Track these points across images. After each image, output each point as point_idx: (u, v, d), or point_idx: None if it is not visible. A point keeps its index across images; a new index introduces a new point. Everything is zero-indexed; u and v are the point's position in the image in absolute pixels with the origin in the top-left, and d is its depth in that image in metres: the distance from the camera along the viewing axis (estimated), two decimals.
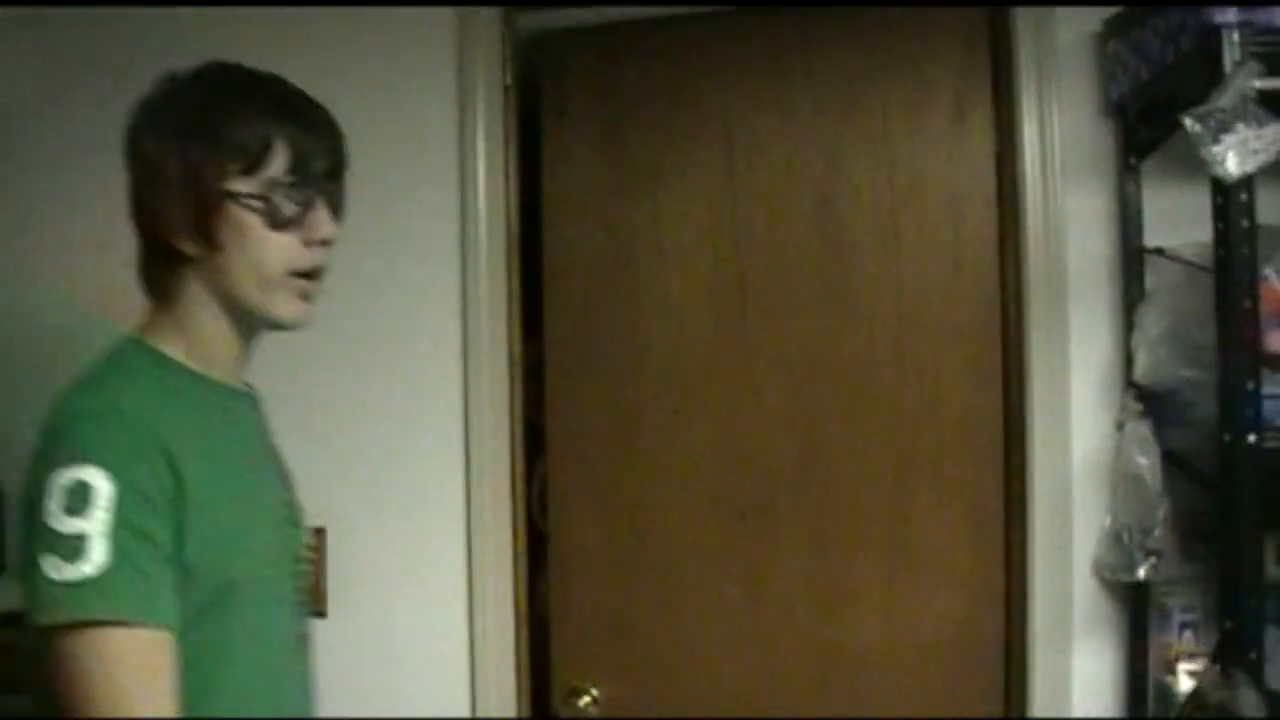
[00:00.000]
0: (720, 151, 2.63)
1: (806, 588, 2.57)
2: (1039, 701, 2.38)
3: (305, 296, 1.53)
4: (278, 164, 1.46)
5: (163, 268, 1.51)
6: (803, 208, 2.58)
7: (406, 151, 2.61)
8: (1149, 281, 2.34)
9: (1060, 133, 2.41)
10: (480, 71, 2.59)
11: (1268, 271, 1.96)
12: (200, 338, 1.52)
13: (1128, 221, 2.38)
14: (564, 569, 2.68)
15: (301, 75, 2.52)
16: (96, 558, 1.29)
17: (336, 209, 1.56)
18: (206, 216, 1.45)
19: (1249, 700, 1.79)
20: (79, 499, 1.30)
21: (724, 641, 2.60)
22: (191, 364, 1.52)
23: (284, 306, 1.51)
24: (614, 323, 2.67)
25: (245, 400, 1.66)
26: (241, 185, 1.45)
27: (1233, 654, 1.82)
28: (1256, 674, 1.81)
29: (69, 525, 1.29)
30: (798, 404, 2.58)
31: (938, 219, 2.53)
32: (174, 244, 1.47)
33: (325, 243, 1.52)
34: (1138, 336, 2.28)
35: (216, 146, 1.44)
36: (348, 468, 2.61)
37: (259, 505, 1.57)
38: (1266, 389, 1.85)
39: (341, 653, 2.57)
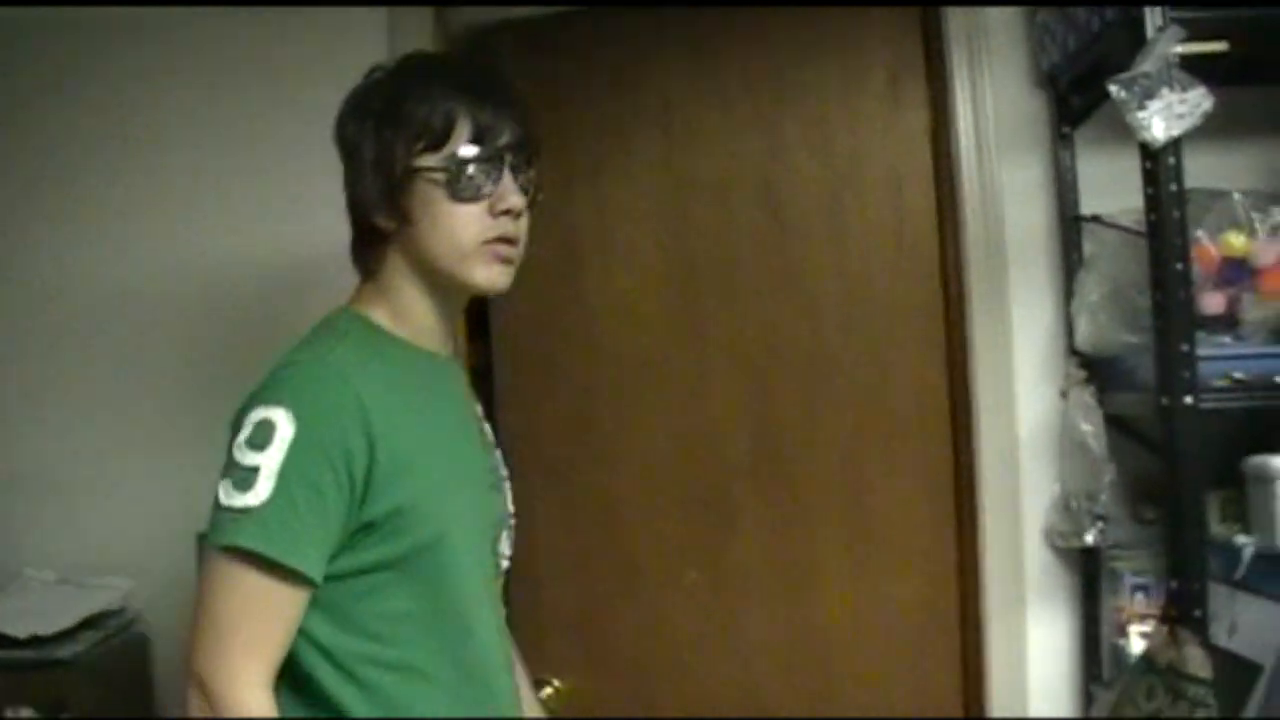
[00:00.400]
0: (660, 142, 2.62)
1: (769, 571, 2.57)
2: (996, 668, 2.40)
3: (502, 261, 1.58)
4: (461, 139, 1.53)
5: (368, 245, 1.61)
6: (746, 194, 2.58)
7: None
8: (1087, 249, 2.36)
9: (993, 105, 2.42)
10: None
11: (1199, 233, 1.98)
12: (403, 307, 1.61)
13: (1063, 190, 2.40)
14: (525, 563, 2.65)
15: (232, 75, 2.57)
16: (261, 491, 1.39)
17: (524, 182, 1.59)
18: (397, 193, 1.54)
19: (1196, 658, 1.81)
20: (262, 435, 1.41)
21: (689, 628, 2.60)
22: (397, 331, 1.60)
23: (480, 272, 1.56)
24: (564, 319, 2.65)
25: (448, 368, 1.70)
26: (428, 161, 1.53)
27: (1180, 613, 1.84)
28: (1203, 632, 1.83)
29: (248, 457, 1.41)
30: (751, 390, 2.58)
31: (877, 198, 2.54)
32: (374, 221, 1.57)
33: (512, 213, 1.56)
34: (1077, 304, 2.30)
35: (403, 126, 1.53)
36: None
37: (459, 468, 1.62)
38: (1202, 350, 1.87)
39: None
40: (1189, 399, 1.83)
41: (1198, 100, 1.83)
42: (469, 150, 1.53)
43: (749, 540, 2.58)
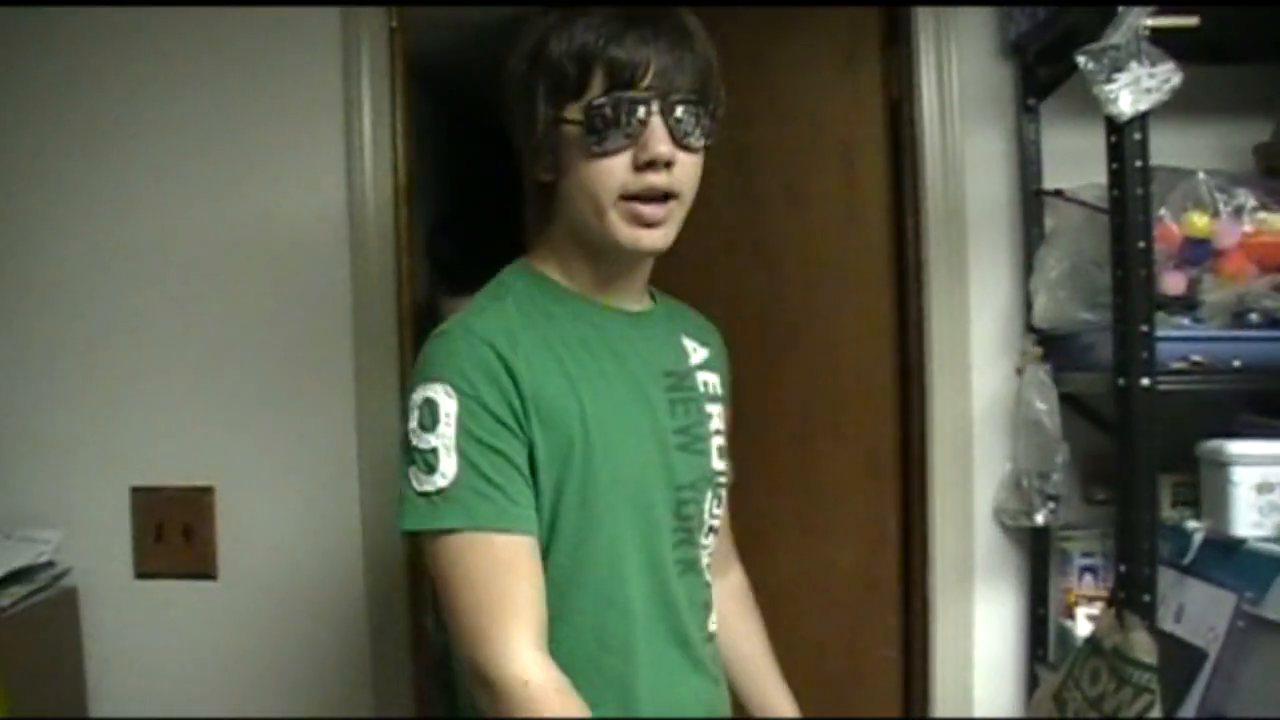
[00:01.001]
0: None
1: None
2: (941, 646, 2.38)
3: (644, 222, 1.46)
4: (597, 86, 1.42)
5: (535, 195, 1.56)
6: (722, 162, 2.52)
7: (292, 124, 2.54)
8: (1048, 224, 2.33)
9: (958, 74, 2.38)
10: (366, 32, 2.51)
11: (1162, 212, 1.95)
12: (567, 260, 1.54)
13: (1026, 163, 2.36)
14: None
15: (190, 68, 2.51)
16: (447, 470, 1.37)
17: (681, 125, 1.44)
18: (542, 142, 1.46)
19: (1142, 643, 1.79)
20: (429, 415, 1.39)
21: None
22: (570, 285, 1.54)
23: (619, 231, 1.45)
24: None
25: (638, 323, 1.60)
26: (569, 112, 1.43)
27: (1128, 597, 1.82)
28: (1151, 616, 1.80)
29: (424, 440, 1.38)
30: None
31: (833, 168, 2.49)
32: (532, 171, 1.51)
33: (659, 163, 1.43)
34: (1037, 280, 2.26)
35: (544, 73, 1.44)
36: (238, 427, 2.54)
37: (635, 424, 1.52)
38: (1161, 331, 1.83)
39: (232, 617, 2.52)
40: (1146, 380, 1.80)
41: (1166, 75, 1.78)
42: (607, 98, 1.41)
43: None
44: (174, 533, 2.53)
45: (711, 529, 1.63)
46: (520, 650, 1.35)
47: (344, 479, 2.51)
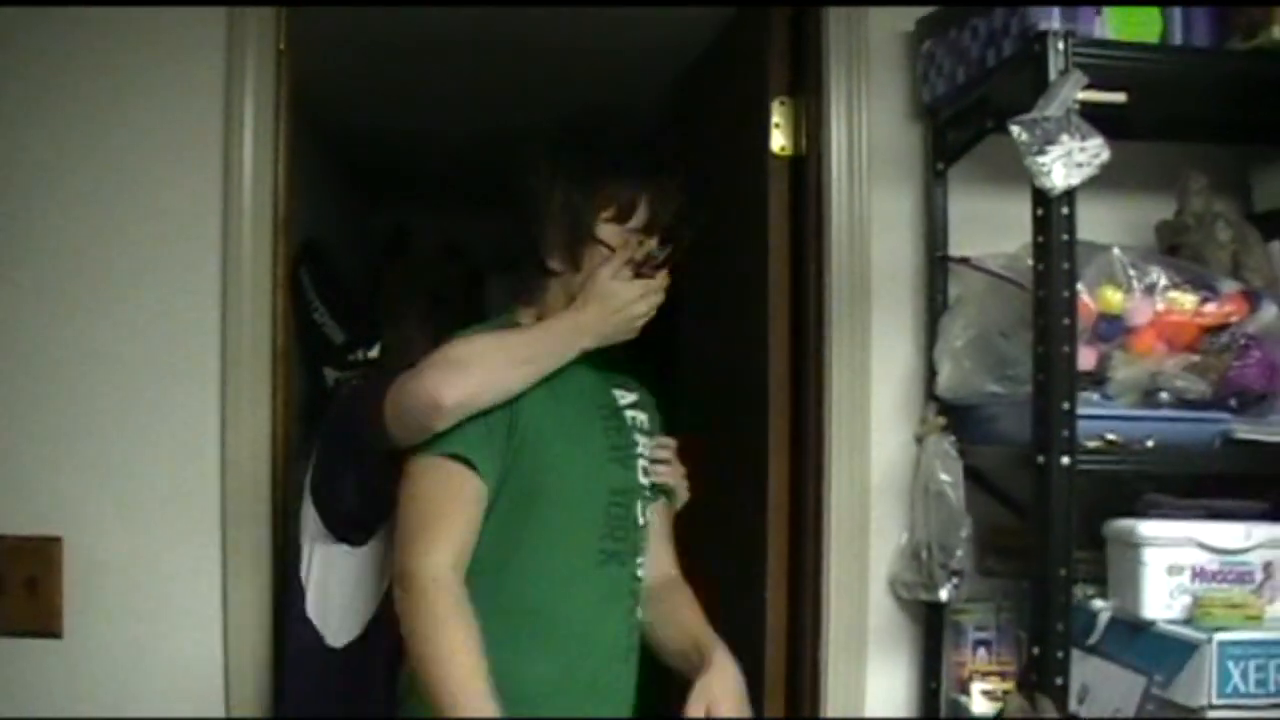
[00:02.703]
0: None
1: None
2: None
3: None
4: (638, 219, 1.82)
5: (532, 276, 1.90)
6: None
7: (169, 130, 2.36)
8: (952, 291, 2.29)
9: (868, 134, 2.33)
10: (251, 40, 2.35)
11: (1078, 287, 1.92)
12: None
13: (933, 229, 2.32)
14: None
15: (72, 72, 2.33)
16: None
17: (671, 257, 1.86)
18: (577, 249, 1.83)
19: None
20: None
21: None
22: None
23: (631, 332, 1.88)
24: None
25: (584, 365, 1.89)
26: (608, 232, 1.82)
27: (1040, 681, 1.78)
28: (1063, 701, 1.77)
29: None
30: None
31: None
32: (546, 262, 1.86)
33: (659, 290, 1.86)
34: (941, 348, 2.23)
35: (594, 193, 1.81)
36: (89, 470, 2.34)
37: (581, 438, 1.87)
38: (1080, 409, 1.81)
39: (79, 677, 2.33)
40: (1066, 459, 1.77)
41: (1096, 150, 1.78)
42: (641, 231, 1.82)
43: None
44: (16, 585, 2.32)
45: (641, 533, 1.92)
46: (441, 559, 1.68)
47: (206, 529, 2.33)
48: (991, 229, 2.21)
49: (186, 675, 2.34)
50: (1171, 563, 1.91)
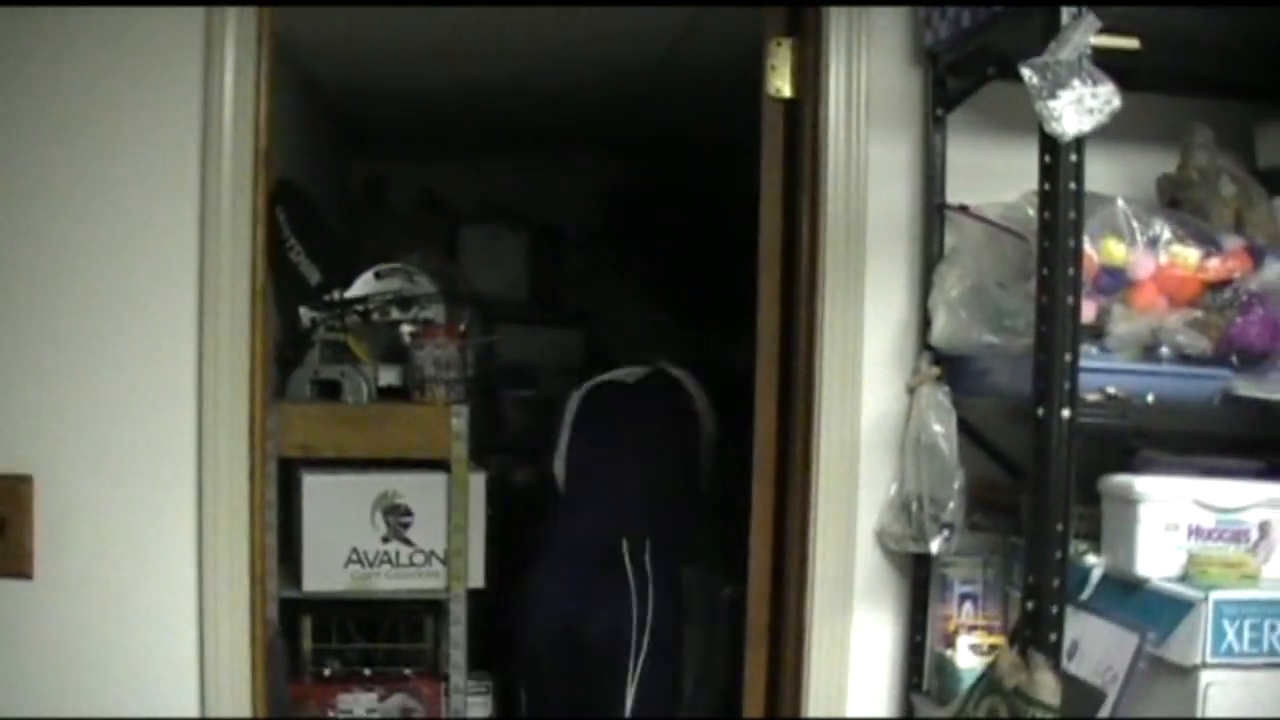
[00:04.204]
0: None
1: None
2: (816, 670, 2.29)
3: None
4: None
5: None
6: None
7: (147, 60, 2.29)
8: (949, 241, 2.26)
9: (867, 78, 2.28)
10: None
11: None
12: None
13: (931, 176, 2.28)
14: None
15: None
16: None
17: None
18: None
19: (1047, 684, 1.73)
20: None
21: None
22: None
23: None
24: None
25: None
26: None
27: (1033, 635, 1.75)
28: (1056, 657, 1.75)
29: None
30: None
31: None
32: None
33: None
34: (936, 297, 2.20)
35: None
36: (62, 409, 2.29)
37: None
38: (1081, 362, 1.77)
39: (49, 619, 2.28)
40: (1067, 412, 1.74)
41: (1107, 97, 1.73)
42: None
43: None
44: None
45: None
46: None
47: (179, 469, 2.28)
48: (990, 178, 2.18)
49: (160, 617, 2.30)
50: (1168, 520, 1.88)
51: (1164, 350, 1.92)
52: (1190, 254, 1.94)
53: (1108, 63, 1.76)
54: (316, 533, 3.42)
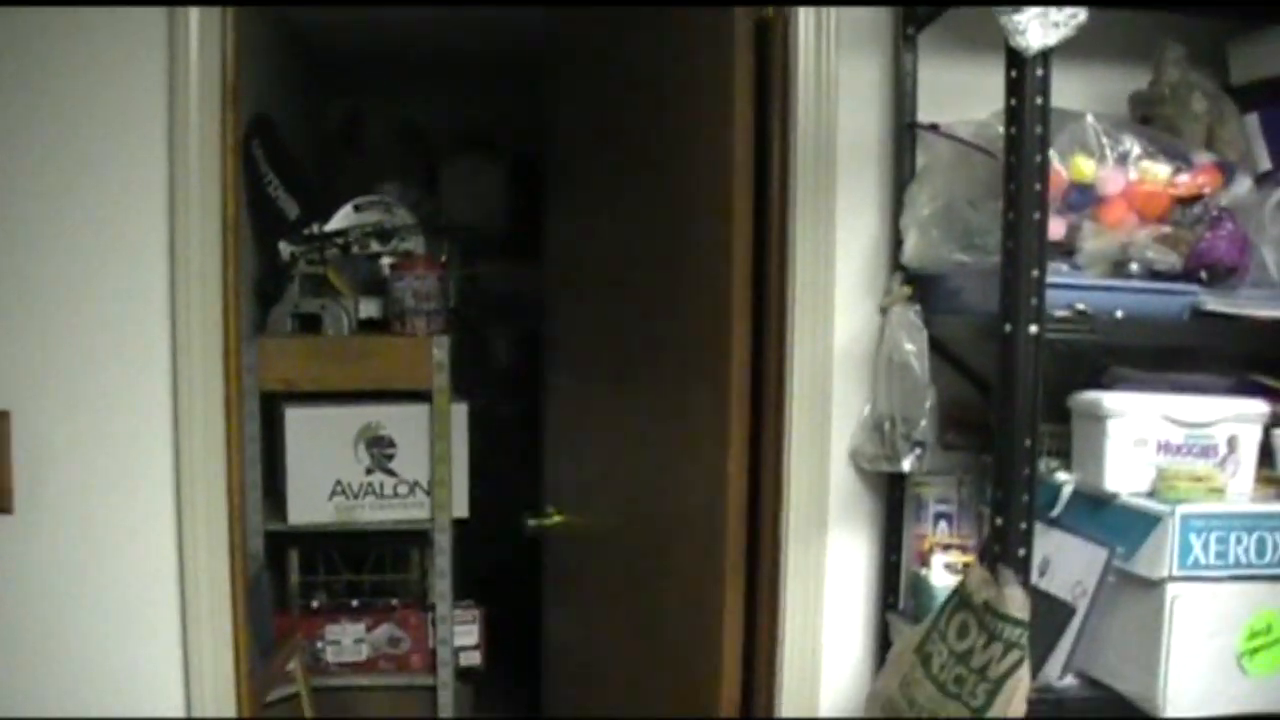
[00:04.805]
0: None
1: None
2: (791, 591, 2.30)
3: None
4: None
5: None
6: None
7: None
8: (920, 160, 2.24)
9: None
10: None
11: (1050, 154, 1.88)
12: None
13: (901, 95, 2.26)
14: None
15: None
16: None
17: None
18: None
19: (1016, 599, 1.74)
20: None
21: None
22: None
23: None
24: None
25: None
26: None
27: (1003, 551, 1.76)
28: (1025, 572, 1.76)
29: None
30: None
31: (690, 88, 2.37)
32: None
33: None
34: (907, 217, 2.19)
35: None
36: (36, 343, 2.29)
37: None
38: (1048, 278, 1.77)
39: (29, 553, 2.30)
40: (1034, 328, 1.73)
41: (1073, 11, 1.71)
42: None
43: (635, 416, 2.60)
44: None
45: None
46: None
47: (155, 403, 2.29)
48: (961, 96, 2.15)
49: (139, 551, 2.31)
50: (1137, 436, 1.89)
51: (1133, 266, 1.92)
52: (1160, 170, 1.93)
53: None
54: (300, 466, 3.45)
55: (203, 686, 2.33)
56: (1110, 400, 1.91)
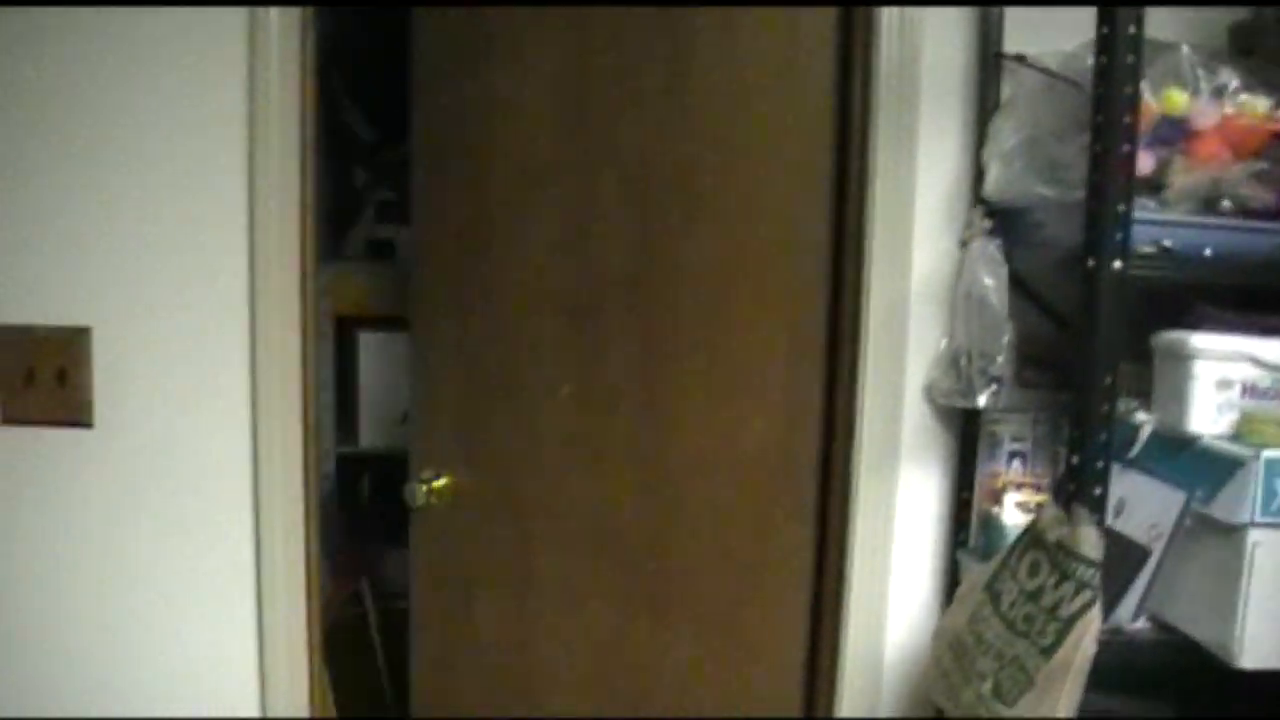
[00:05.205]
0: None
1: (632, 392, 2.43)
2: (860, 526, 2.29)
3: None
4: None
5: None
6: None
7: None
8: (1005, 91, 2.19)
9: None
10: None
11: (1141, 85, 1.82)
12: None
13: (987, 25, 2.21)
14: (423, 360, 2.54)
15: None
16: None
17: None
18: None
19: (1089, 538, 1.71)
20: None
21: (556, 438, 2.47)
22: None
23: None
24: (467, 128, 2.43)
25: None
26: None
27: (1077, 490, 1.73)
28: (1101, 512, 1.72)
29: None
30: (634, 200, 2.38)
31: (770, 13, 2.32)
32: None
33: None
34: (990, 149, 2.14)
35: None
36: (117, 261, 2.32)
37: None
38: (1135, 213, 1.72)
39: (110, 467, 2.34)
40: (1118, 264, 1.69)
41: None
42: None
43: (616, 358, 2.43)
44: (46, 376, 2.32)
45: None
46: None
47: (234, 317, 2.31)
48: (1049, 27, 2.10)
49: (214, 464, 2.34)
50: (1221, 377, 1.84)
51: (1225, 204, 1.86)
52: (1259, 103, 1.86)
53: None
54: (372, 390, 3.46)
55: (275, 603, 2.37)
56: (1196, 340, 1.86)
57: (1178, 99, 1.84)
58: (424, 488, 2.49)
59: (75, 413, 2.33)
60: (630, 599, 2.48)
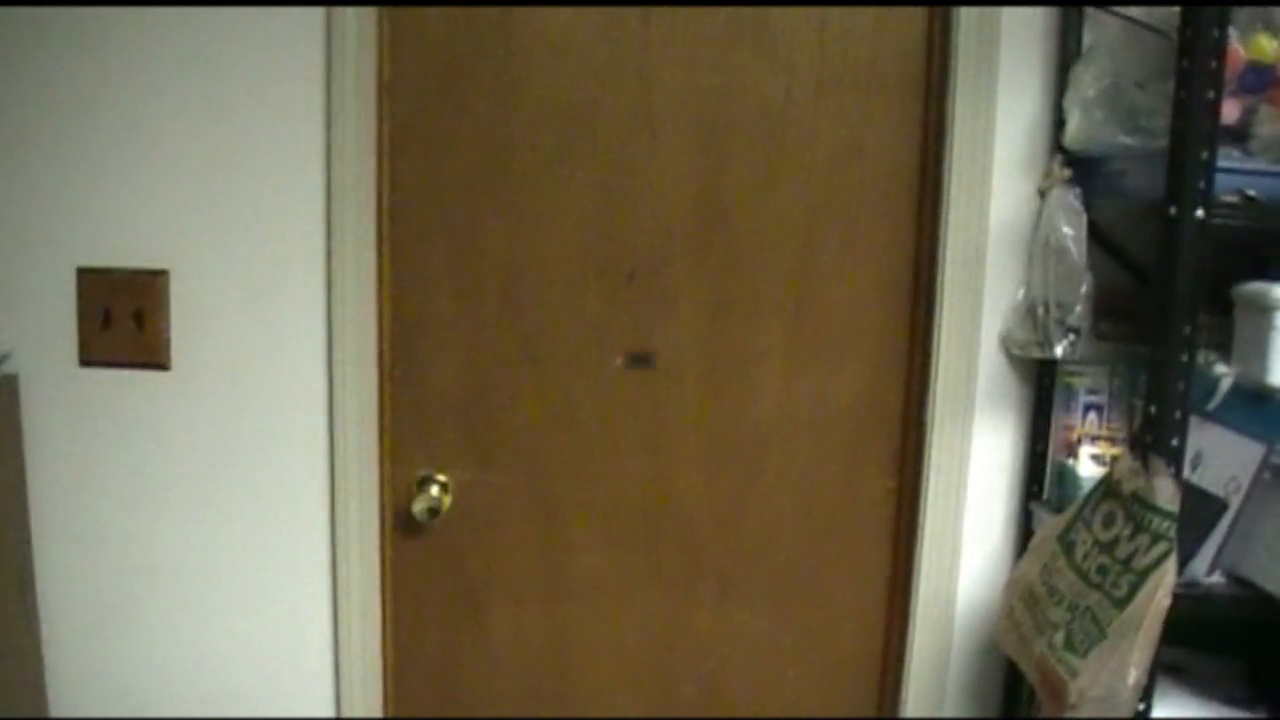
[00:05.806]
0: None
1: (700, 357, 2.38)
2: (934, 477, 2.29)
3: None
4: None
5: None
6: None
7: None
8: (1086, 39, 2.15)
9: None
10: None
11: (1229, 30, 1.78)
12: None
13: None
14: (408, 334, 2.43)
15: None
16: None
17: None
18: None
19: (1166, 489, 1.70)
20: None
21: (603, 418, 2.41)
22: None
23: None
24: (480, 47, 2.33)
25: None
26: None
27: (1155, 440, 1.72)
28: (1177, 463, 1.71)
29: None
30: (701, 148, 2.33)
31: None
32: None
33: None
34: (1071, 97, 2.11)
35: None
36: (195, 203, 2.35)
37: None
38: (1218, 161, 1.69)
39: (186, 409, 2.39)
40: (1201, 212, 1.67)
41: None
42: None
43: (681, 321, 2.38)
44: (123, 318, 2.36)
45: None
46: None
47: (310, 265, 2.34)
48: None
49: (292, 403, 2.38)
50: None
51: None
52: None
53: None
54: None
55: (349, 546, 2.41)
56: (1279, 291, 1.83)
57: (1266, 46, 1.80)
58: (431, 491, 2.43)
59: (152, 355, 2.38)
60: (693, 586, 2.46)
